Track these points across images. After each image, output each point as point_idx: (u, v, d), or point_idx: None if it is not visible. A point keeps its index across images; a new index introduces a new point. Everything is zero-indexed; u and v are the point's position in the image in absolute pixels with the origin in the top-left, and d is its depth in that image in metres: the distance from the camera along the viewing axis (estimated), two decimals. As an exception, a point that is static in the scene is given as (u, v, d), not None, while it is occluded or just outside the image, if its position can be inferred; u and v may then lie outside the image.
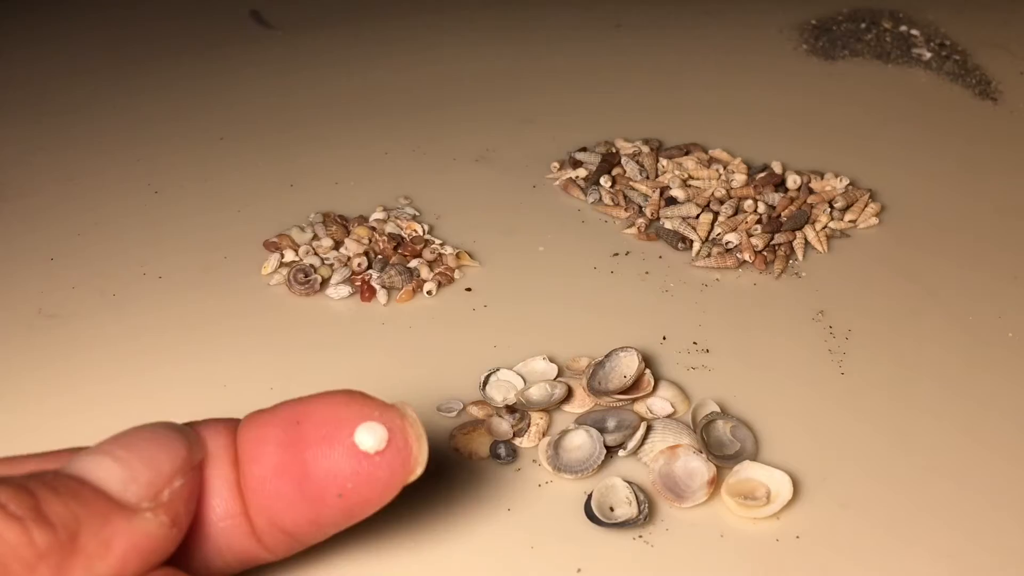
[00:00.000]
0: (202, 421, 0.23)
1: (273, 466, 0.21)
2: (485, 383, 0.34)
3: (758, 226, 0.42)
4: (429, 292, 0.39)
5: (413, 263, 0.41)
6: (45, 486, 0.19)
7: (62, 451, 0.22)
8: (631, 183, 0.46)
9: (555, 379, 0.34)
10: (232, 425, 0.23)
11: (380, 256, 0.41)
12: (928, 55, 0.59)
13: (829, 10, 0.65)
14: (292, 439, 0.21)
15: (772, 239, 0.42)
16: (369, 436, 0.21)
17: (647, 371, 0.33)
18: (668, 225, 0.43)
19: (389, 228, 0.42)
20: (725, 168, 0.46)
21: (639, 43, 0.62)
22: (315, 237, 0.42)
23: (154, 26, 0.66)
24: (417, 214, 0.44)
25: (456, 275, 0.40)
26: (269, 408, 0.23)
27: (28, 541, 0.18)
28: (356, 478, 0.21)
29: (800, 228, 0.43)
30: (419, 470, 0.22)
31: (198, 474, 0.21)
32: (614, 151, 0.48)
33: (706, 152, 0.48)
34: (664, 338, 0.37)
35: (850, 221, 0.44)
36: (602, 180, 0.46)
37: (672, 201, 0.44)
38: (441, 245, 0.42)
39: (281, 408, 0.22)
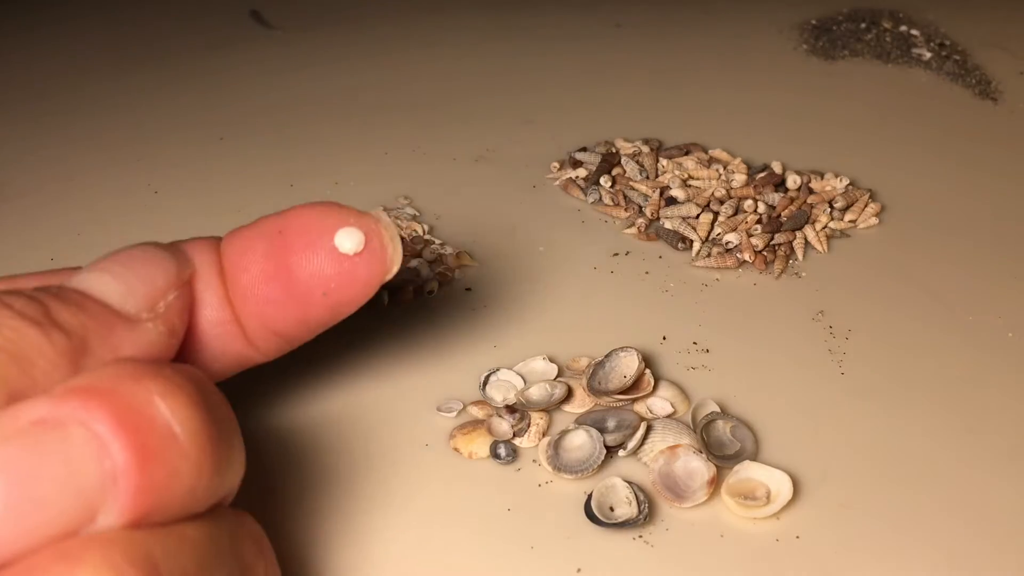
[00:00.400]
0: (186, 240, 0.24)
1: (261, 273, 0.24)
2: (485, 383, 0.34)
3: (758, 226, 0.42)
4: (429, 292, 0.39)
5: (413, 263, 0.41)
6: (53, 297, 0.20)
7: (60, 270, 0.24)
8: (631, 183, 0.46)
9: (555, 379, 0.34)
10: (215, 242, 0.24)
11: (380, 256, 0.41)
12: (928, 55, 0.59)
13: (829, 10, 0.65)
14: (277, 247, 0.23)
15: (772, 239, 0.42)
16: (347, 239, 0.23)
17: (647, 371, 0.33)
18: (668, 225, 0.43)
19: (389, 228, 0.42)
20: (725, 168, 0.46)
21: (639, 43, 0.62)
22: (315, 237, 0.42)
23: (154, 26, 0.66)
24: (417, 214, 0.44)
25: (456, 275, 0.40)
26: (249, 224, 0.24)
27: (48, 341, 0.19)
28: (339, 278, 0.24)
29: (800, 228, 0.43)
30: (395, 268, 0.24)
31: (189, 287, 0.23)
32: (614, 151, 0.48)
33: (706, 152, 0.48)
34: (664, 338, 0.37)
35: (850, 221, 0.44)
36: (602, 180, 0.46)
37: (672, 201, 0.44)
38: (441, 245, 0.42)
39: (261, 222, 0.24)
